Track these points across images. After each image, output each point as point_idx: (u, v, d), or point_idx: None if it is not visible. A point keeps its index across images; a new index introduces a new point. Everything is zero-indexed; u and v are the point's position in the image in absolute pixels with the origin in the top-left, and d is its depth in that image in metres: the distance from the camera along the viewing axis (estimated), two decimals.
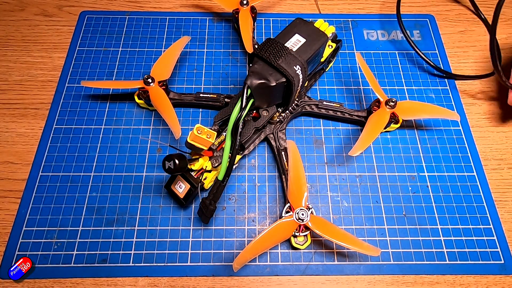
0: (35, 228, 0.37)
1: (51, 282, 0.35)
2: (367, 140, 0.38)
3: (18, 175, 0.40)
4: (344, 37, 0.50)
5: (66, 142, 0.41)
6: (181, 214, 0.38)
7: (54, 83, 0.45)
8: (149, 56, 0.48)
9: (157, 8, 0.52)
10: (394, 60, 0.48)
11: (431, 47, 0.49)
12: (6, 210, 0.38)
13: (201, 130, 0.32)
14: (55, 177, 0.39)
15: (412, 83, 0.46)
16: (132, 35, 0.49)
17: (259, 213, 0.38)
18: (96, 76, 0.46)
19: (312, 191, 0.39)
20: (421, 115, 0.41)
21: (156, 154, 0.41)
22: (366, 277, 0.35)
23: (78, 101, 0.44)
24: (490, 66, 0.48)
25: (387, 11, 0.53)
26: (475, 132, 0.43)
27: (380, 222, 0.38)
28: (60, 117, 0.43)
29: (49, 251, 0.36)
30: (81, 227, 0.37)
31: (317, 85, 0.46)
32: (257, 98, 0.34)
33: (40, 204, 0.38)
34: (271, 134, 0.40)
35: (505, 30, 0.51)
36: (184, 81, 0.46)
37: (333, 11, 0.53)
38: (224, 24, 0.51)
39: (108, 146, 0.41)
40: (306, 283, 0.35)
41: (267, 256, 0.36)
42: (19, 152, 0.41)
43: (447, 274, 0.35)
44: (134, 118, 0.43)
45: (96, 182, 0.39)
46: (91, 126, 0.42)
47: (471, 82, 0.47)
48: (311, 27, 0.38)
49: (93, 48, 0.48)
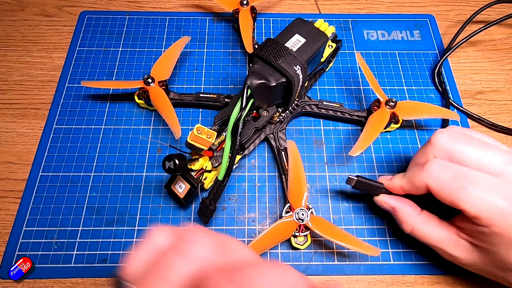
0: (35, 228, 0.37)
1: (51, 282, 0.35)
2: (367, 140, 0.38)
3: (18, 175, 0.40)
4: (344, 37, 0.50)
5: (66, 142, 0.41)
6: (181, 214, 0.38)
7: (54, 83, 0.45)
8: (149, 56, 0.48)
9: (157, 8, 0.52)
10: (394, 60, 0.48)
11: (431, 47, 0.49)
12: (6, 210, 0.38)
13: (201, 130, 0.32)
14: (55, 177, 0.39)
15: (412, 83, 0.46)
16: (132, 35, 0.49)
17: (259, 213, 0.38)
18: (96, 76, 0.46)
19: (312, 191, 0.39)
20: (421, 115, 0.41)
21: (156, 154, 0.41)
22: (366, 277, 0.35)
23: (78, 101, 0.44)
24: (489, 66, 0.48)
25: (387, 11, 0.53)
26: None
27: (380, 222, 0.38)
28: (60, 117, 0.43)
29: (49, 251, 0.36)
30: (81, 227, 0.37)
31: (317, 85, 0.46)
32: (257, 98, 0.34)
33: (40, 204, 0.38)
34: (271, 134, 0.40)
35: (505, 30, 0.51)
36: (184, 81, 0.46)
37: (333, 11, 0.53)
38: (224, 24, 0.51)
39: (108, 146, 0.41)
40: None
41: (267, 256, 0.36)
42: (19, 152, 0.41)
43: (447, 274, 0.35)
44: (134, 118, 0.43)
45: (96, 182, 0.39)
46: (91, 126, 0.42)
47: (471, 82, 0.47)
48: (311, 27, 0.38)
49: (93, 48, 0.48)
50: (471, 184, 0.27)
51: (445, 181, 0.28)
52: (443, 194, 0.28)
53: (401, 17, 0.52)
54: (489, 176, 0.28)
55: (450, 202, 0.28)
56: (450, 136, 0.29)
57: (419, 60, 0.48)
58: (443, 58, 0.46)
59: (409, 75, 0.47)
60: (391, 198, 0.33)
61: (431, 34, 0.50)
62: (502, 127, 0.43)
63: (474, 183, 0.27)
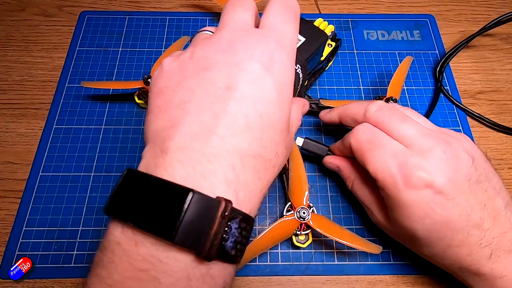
0: (35, 228, 0.37)
1: (51, 282, 0.35)
2: None
3: (18, 175, 0.40)
4: (344, 37, 0.50)
5: (66, 142, 0.41)
6: None
7: (54, 83, 0.45)
8: (149, 56, 0.48)
9: (157, 8, 0.52)
10: (394, 60, 0.48)
11: (431, 47, 0.49)
12: (6, 210, 0.38)
13: None
14: (55, 177, 0.39)
15: (412, 83, 0.46)
16: (132, 35, 0.49)
17: (259, 213, 0.38)
18: (96, 76, 0.46)
19: (312, 191, 0.39)
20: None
21: None
22: (366, 277, 0.35)
23: (78, 101, 0.44)
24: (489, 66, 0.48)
25: (387, 11, 0.53)
26: (475, 132, 0.43)
27: None
28: (60, 117, 0.43)
29: (49, 251, 0.36)
30: (81, 227, 0.37)
31: (317, 85, 0.46)
32: None
33: (40, 204, 0.38)
34: None
35: (506, 30, 0.51)
36: None
37: (333, 11, 0.53)
38: None
39: (108, 146, 0.41)
40: (306, 283, 0.35)
41: (267, 256, 0.36)
42: (19, 152, 0.41)
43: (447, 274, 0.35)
44: (134, 118, 0.43)
45: (96, 182, 0.39)
46: (91, 126, 0.42)
47: (471, 82, 0.47)
48: (311, 26, 0.38)
49: (93, 48, 0.48)
50: (379, 147, 0.29)
51: (362, 141, 0.31)
52: (357, 154, 0.31)
53: (401, 17, 0.52)
54: (399, 144, 0.29)
55: (361, 162, 0.31)
56: (379, 108, 0.31)
57: (419, 60, 0.48)
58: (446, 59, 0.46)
59: (409, 75, 0.47)
60: (335, 158, 0.37)
61: (431, 34, 0.50)
62: (502, 126, 0.43)
63: (381, 147, 0.29)
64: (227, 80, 0.22)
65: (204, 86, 0.22)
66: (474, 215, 0.27)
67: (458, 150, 0.29)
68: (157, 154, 0.21)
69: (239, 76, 0.22)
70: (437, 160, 0.28)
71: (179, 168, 0.20)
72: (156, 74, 0.25)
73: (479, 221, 0.27)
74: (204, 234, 0.19)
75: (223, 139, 0.21)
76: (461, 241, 0.28)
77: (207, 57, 0.23)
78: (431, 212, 0.27)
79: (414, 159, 0.28)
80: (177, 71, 0.24)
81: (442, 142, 0.29)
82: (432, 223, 0.28)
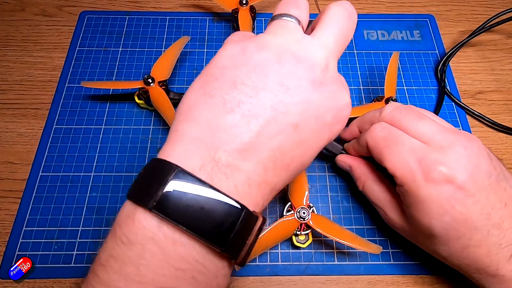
0: (35, 228, 0.37)
1: (51, 282, 0.35)
2: None
3: (18, 175, 0.40)
4: None
5: (66, 142, 0.41)
6: None
7: (54, 83, 0.45)
8: (149, 56, 0.48)
9: (157, 8, 0.52)
10: None
11: (431, 47, 0.49)
12: (6, 210, 0.38)
13: None
14: (55, 177, 0.39)
15: (412, 83, 0.46)
16: (132, 35, 0.49)
17: None
18: (96, 76, 0.46)
19: (312, 191, 0.39)
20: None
21: (156, 154, 0.41)
22: (366, 277, 0.35)
23: (78, 101, 0.44)
24: (489, 66, 0.48)
25: (387, 11, 0.53)
26: (475, 132, 0.43)
27: (381, 222, 0.38)
28: (60, 117, 0.43)
29: (49, 251, 0.36)
30: (81, 227, 0.37)
31: None
32: None
33: (40, 204, 0.38)
34: None
35: (506, 30, 0.51)
36: (184, 81, 0.46)
37: None
38: (224, 24, 0.51)
39: (108, 146, 0.41)
40: (306, 283, 0.35)
41: (267, 256, 0.36)
42: (19, 152, 0.41)
43: (447, 274, 0.35)
44: (134, 118, 0.43)
45: (96, 182, 0.39)
46: (91, 126, 0.42)
47: (471, 82, 0.47)
48: None
49: (93, 48, 0.48)
50: (397, 144, 0.29)
51: (378, 139, 0.31)
52: (374, 151, 0.31)
53: (401, 17, 0.52)
54: (416, 141, 0.29)
55: (378, 159, 0.31)
56: (395, 107, 0.32)
57: (419, 60, 0.48)
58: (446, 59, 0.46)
59: (409, 75, 0.47)
60: (348, 157, 0.37)
61: (431, 34, 0.50)
62: (502, 126, 0.43)
63: (399, 143, 0.29)
64: None
65: None
66: (494, 214, 0.27)
67: (478, 147, 0.28)
68: (210, 156, 0.22)
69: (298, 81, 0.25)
70: (458, 156, 0.27)
71: (230, 180, 0.22)
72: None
73: (499, 221, 0.27)
74: (243, 244, 0.22)
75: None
76: (480, 240, 0.27)
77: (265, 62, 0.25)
78: (451, 209, 0.27)
79: (434, 154, 0.28)
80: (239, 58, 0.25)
81: (462, 138, 0.28)
82: (451, 221, 0.27)
